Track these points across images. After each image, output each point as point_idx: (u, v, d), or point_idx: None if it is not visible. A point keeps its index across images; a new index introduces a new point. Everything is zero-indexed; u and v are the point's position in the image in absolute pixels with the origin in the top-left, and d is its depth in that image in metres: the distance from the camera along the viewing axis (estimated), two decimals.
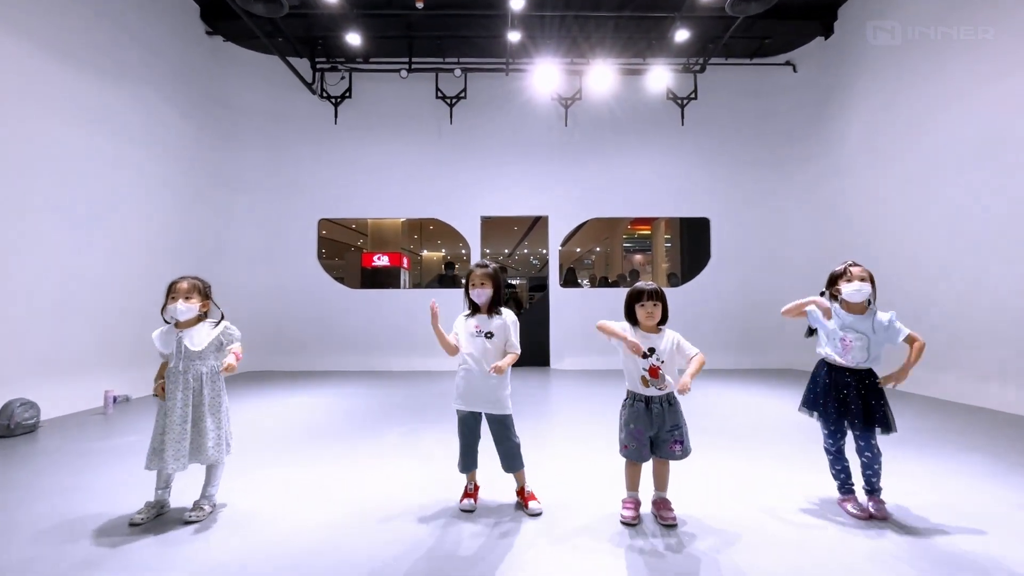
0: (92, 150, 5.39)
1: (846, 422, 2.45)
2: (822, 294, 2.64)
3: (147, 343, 2.50)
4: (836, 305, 2.56)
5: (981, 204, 5.22)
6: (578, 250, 20.56)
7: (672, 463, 2.44)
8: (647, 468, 2.48)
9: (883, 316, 2.47)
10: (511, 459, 2.55)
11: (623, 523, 2.35)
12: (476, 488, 2.62)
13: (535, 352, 8.22)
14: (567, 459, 3.37)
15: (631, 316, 2.48)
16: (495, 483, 2.75)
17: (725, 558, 2.04)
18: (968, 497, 2.69)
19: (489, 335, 2.53)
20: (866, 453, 2.44)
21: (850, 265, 2.53)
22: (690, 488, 2.75)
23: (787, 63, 8.32)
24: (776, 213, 8.33)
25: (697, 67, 8.18)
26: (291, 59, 7.86)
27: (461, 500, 2.56)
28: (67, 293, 5.04)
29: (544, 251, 8.87)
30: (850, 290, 2.47)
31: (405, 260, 12.49)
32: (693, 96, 8.38)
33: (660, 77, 8.04)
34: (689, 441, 2.40)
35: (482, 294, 2.56)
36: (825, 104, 7.77)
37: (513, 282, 12.41)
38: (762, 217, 8.36)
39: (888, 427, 2.41)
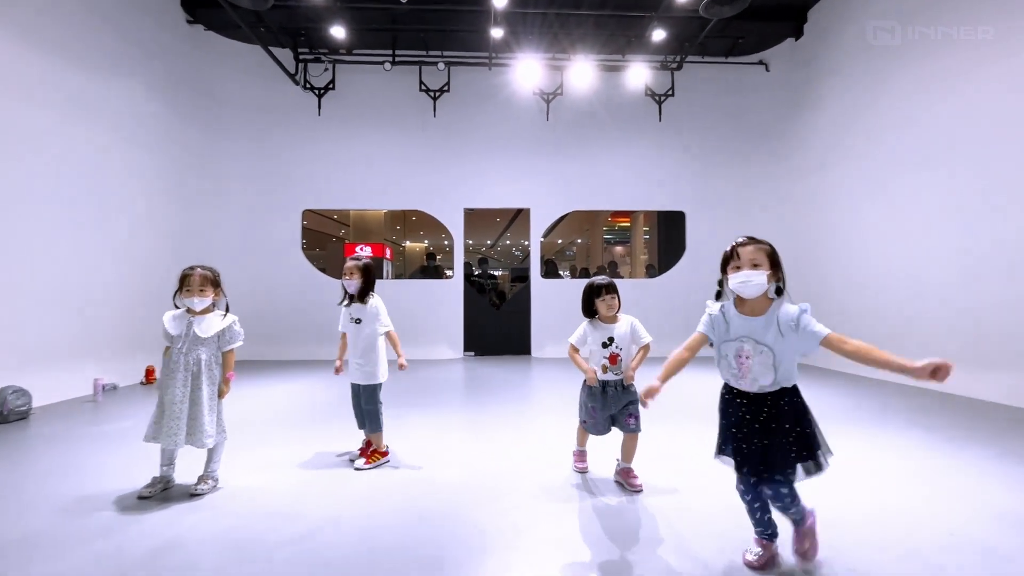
0: (72, 140, 5.36)
1: (746, 468, 1.76)
2: (720, 283, 1.90)
3: (134, 332, 2.67)
4: (728, 303, 1.86)
5: (955, 201, 5.29)
6: (559, 241, 20.85)
7: (640, 439, 2.71)
8: (613, 440, 2.78)
9: (790, 309, 1.72)
10: (370, 422, 3.07)
11: (577, 471, 2.81)
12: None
13: (517, 341, 8.48)
14: (545, 437, 3.64)
15: (590, 310, 2.71)
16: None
17: (681, 512, 2.32)
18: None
19: (358, 321, 3.02)
20: (776, 503, 1.78)
21: (738, 245, 1.78)
22: (651, 462, 3.04)
23: (760, 62, 8.64)
24: (749, 207, 8.67)
25: (674, 65, 8.44)
26: (274, 49, 7.86)
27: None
28: (54, 283, 5.07)
29: (526, 243, 9.07)
30: (735, 282, 1.75)
31: (388, 251, 12.58)
32: (671, 93, 8.65)
33: (639, 74, 8.28)
34: (640, 418, 2.68)
35: (350, 285, 3.05)
36: (796, 103, 8.12)
37: (495, 273, 12.59)
38: (735, 211, 8.69)
39: (817, 466, 1.69)
